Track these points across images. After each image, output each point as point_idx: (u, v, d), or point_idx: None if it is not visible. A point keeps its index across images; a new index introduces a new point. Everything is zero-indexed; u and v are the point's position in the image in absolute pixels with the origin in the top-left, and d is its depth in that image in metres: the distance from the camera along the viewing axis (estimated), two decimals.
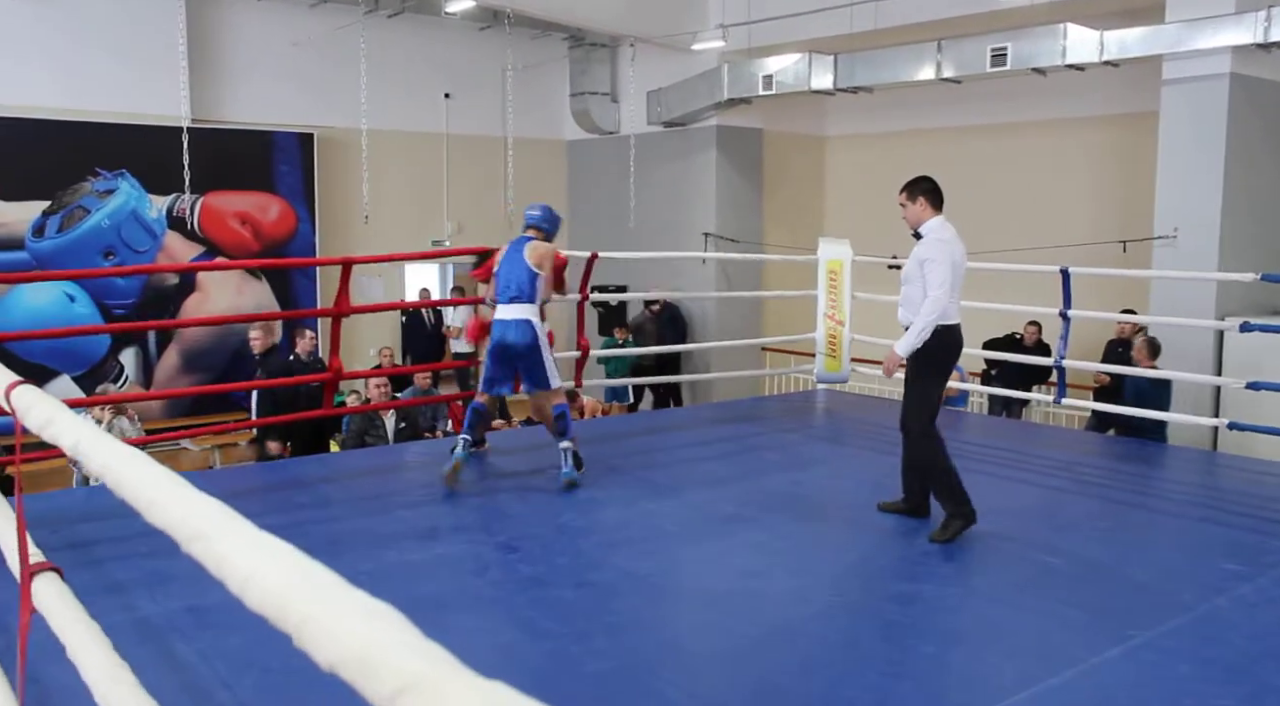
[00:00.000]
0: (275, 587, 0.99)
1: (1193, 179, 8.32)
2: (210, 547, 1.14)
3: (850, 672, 3.29)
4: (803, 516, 5.03)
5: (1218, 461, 6.69)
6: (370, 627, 0.87)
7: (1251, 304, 8.14)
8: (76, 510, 4.93)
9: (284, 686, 3.07)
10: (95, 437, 1.71)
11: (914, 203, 4.65)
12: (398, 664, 0.82)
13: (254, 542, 1.10)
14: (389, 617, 0.88)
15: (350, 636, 0.87)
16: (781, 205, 13.32)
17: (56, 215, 10.70)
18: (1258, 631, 3.61)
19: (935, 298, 4.47)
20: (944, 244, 4.56)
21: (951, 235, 4.63)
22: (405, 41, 12.74)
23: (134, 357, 11.36)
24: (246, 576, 1.05)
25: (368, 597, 0.92)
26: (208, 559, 1.14)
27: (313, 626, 0.91)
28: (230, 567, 1.08)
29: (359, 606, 0.91)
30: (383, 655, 0.83)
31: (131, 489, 1.42)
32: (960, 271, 4.61)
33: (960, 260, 4.62)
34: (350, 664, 0.85)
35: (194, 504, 1.25)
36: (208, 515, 1.20)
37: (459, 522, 4.89)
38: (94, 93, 10.79)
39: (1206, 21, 8.13)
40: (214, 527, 1.17)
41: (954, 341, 4.66)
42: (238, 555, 1.09)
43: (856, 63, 10.65)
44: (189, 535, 1.20)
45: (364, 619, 0.88)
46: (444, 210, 13.50)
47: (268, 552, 1.06)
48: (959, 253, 4.61)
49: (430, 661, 0.82)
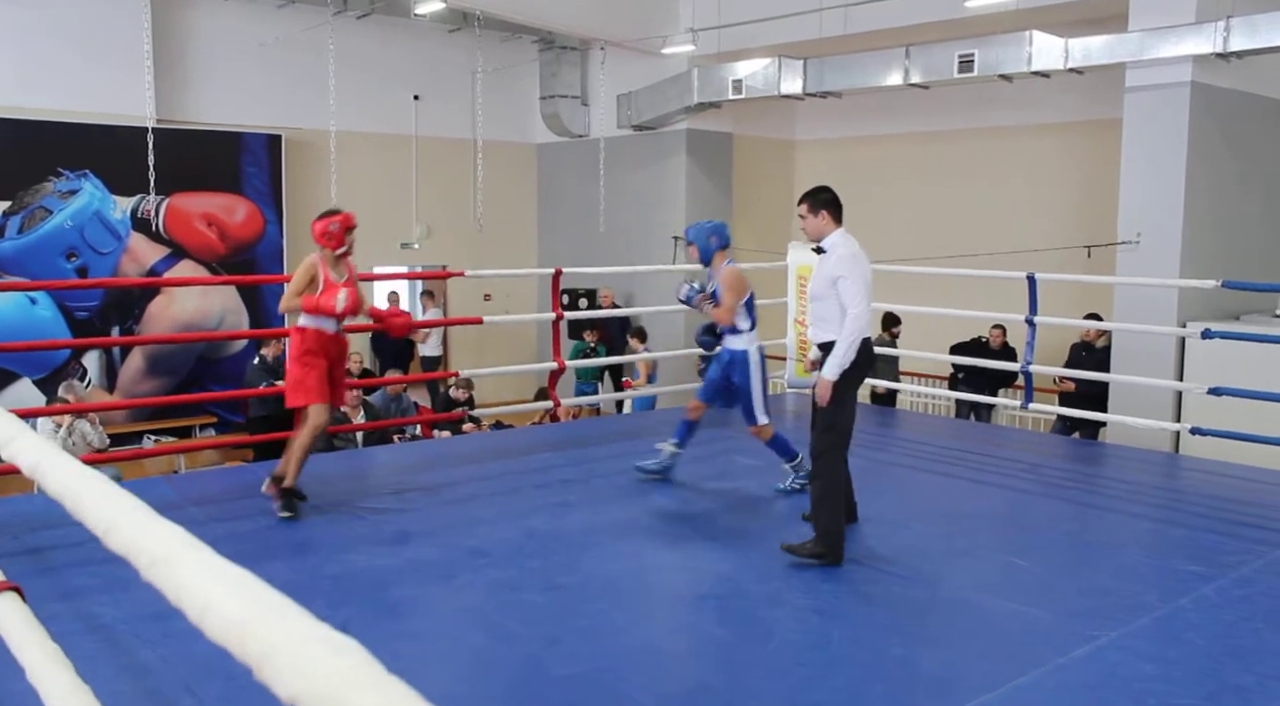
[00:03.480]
0: (235, 618, 0.97)
1: (1155, 185, 8.44)
2: (169, 574, 1.12)
3: (821, 674, 3.30)
4: (774, 520, 5.05)
5: (1180, 464, 6.78)
6: (334, 661, 0.85)
7: (1214, 309, 8.26)
8: (38, 516, 4.84)
9: (249, 694, 3.02)
10: (55, 459, 1.68)
11: (815, 215, 4.42)
12: (362, 698, 0.80)
13: (212, 570, 1.08)
14: (352, 651, 0.87)
15: (313, 670, 0.85)
16: (751, 209, 13.37)
17: (17, 215, 10.53)
18: (1219, 631, 3.66)
19: (857, 314, 4.26)
20: (855, 259, 4.33)
21: (857, 248, 4.42)
22: (374, 43, 12.67)
23: (97, 360, 11.20)
24: (205, 605, 1.03)
25: (330, 630, 0.90)
26: (167, 587, 1.12)
27: (275, 659, 0.89)
28: (189, 597, 1.06)
29: (322, 640, 0.89)
30: (347, 689, 0.82)
31: (90, 513, 1.40)
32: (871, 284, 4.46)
33: (870, 273, 4.43)
34: (313, 698, 0.83)
35: (152, 529, 1.23)
36: (166, 541, 1.18)
37: (427, 526, 4.86)
38: (57, 91, 10.63)
39: (1168, 31, 8.25)
40: (173, 554, 1.15)
41: (868, 355, 4.47)
42: (196, 583, 1.07)
43: (826, 67, 10.71)
44: (149, 561, 1.18)
45: (328, 653, 0.87)
46: (413, 213, 13.43)
47: (226, 581, 1.04)
48: (868, 266, 4.42)
49: (393, 695, 0.81)
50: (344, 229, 4.93)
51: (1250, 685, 3.23)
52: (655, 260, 12.14)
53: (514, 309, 13.42)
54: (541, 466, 6.11)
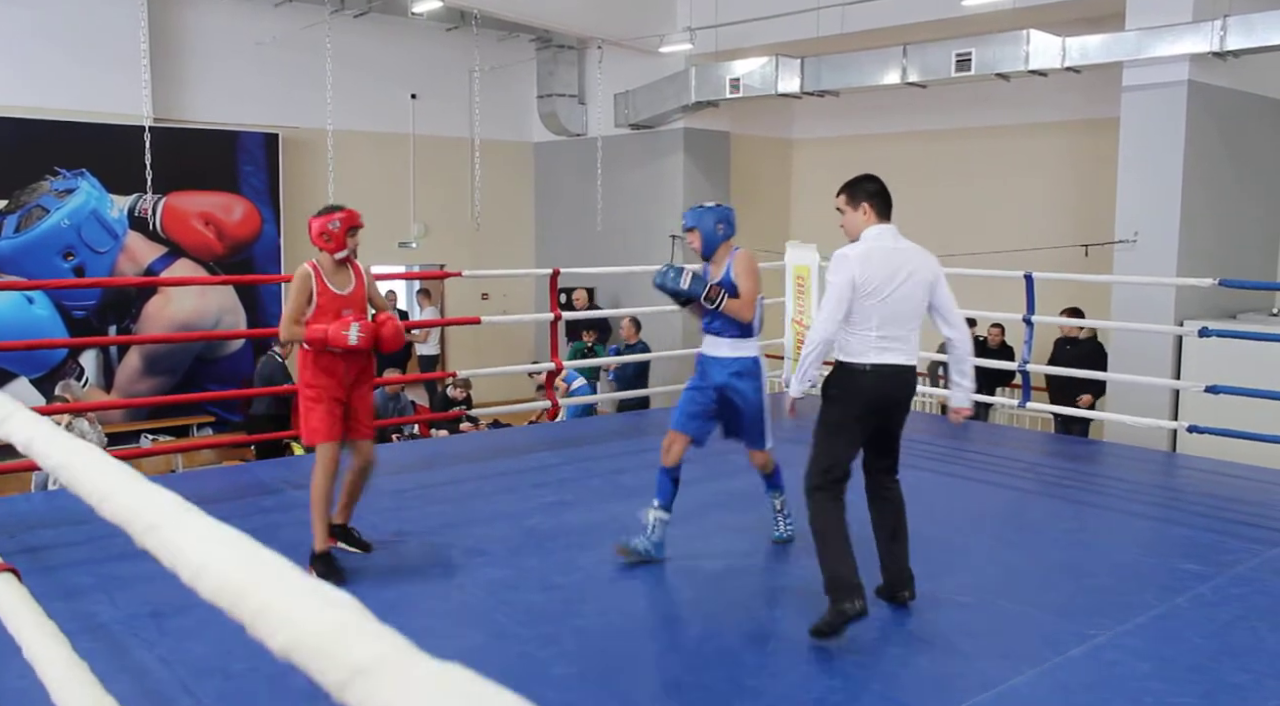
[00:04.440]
0: (230, 575, 0.98)
1: (1152, 184, 8.45)
2: (164, 538, 1.13)
3: (818, 673, 3.30)
4: (770, 519, 5.04)
5: (1177, 463, 6.79)
6: (327, 613, 0.86)
7: (1211, 307, 8.27)
8: (34, 515, 4.84)
9: (246, 691, 3.03)
10: (50, 434, 1.68)
11: (855, 208, 3.71)
12: (355, 647, 0.81)
13: (208, 532, 1.09)
14: (346, 604, 0.88)
15: (307, 621, 0.86)
16: (748, 208, 13.30)
17: (14, 215, 10.51)
18: (1216, 630, 3.66)
19: (817, 323, 3.64)
20: (845, 260, 3.61)
21: (867, 250, 3.63)
22: (371, 41, 12.65)
23: (94, 360, 11.18)
24: (201, 564, 1.03)
25: (324, 585, 0.91)
26: (162, 550, 1.12)
27: (269, 613, 0.90)
28: (184, 557, 1.07)
29: (315, 593, 0.90)
30: (340, 639, 0.82)
31: (85, 483, 1.41)
32: (873, 294, 3.57)
33: (873, 279, 3.57)
34: (307, 649, 0.84)
35: (147, 495, 1.24)
36: (161, 506, 1.19)
37: (425, 525, 4.86)
38: (53, 90, 10.61)
39: (1165, 29, 8.26)
40: (167, 518, 1.16)
41: (857, 385, 3.62)
42: (191, 544, 1.08)
43: (823, 66, 10.72)
44: (143, 527, 1.19)
45: (321, 605, 0.87)
46: (410, 212, 13.42)
47: (221, 542, 1.05)
48: (873, 270, 3.58)
49: (388, 645, 0.81)
50: (346, 228, 4.15)
51: (1246, 683, 3.24)
52: (653, 259, 12.10)
53: (511, 308, 13.42)
54: (539, 466, 6.11)
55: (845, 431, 3.67)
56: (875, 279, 3.57)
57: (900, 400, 3.74)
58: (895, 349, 3.62)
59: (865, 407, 3.66)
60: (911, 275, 3.64)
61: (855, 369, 3.62)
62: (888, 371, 3.62)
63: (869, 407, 3.66)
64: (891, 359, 3.61)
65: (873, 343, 3.59)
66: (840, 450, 3.68)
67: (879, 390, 3.64)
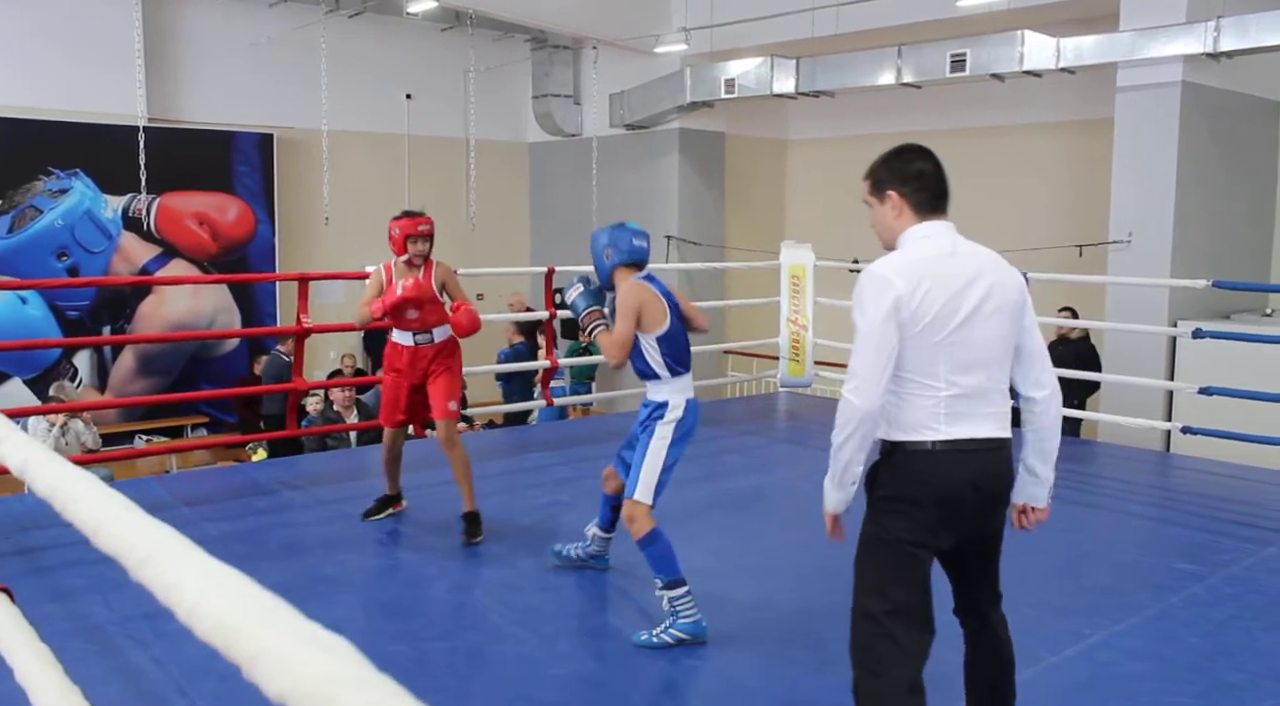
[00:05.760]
0: (225, 617, 0.97)
1: (1146, 185, 8.46)
2: (158, 573, 1.12)
3: (814, 673, 3.30)
4: (765, 519, 5.05)
5: (1171, 463, 6.81)
6: (322, 660, 0.86)
7: (1204, 309, 8.29)
8: (28, 515, 4.83)
9: (241, 694, 3.02)
10: (44, 458, 1.67)
11: (880, 201, 2.58)
12: (349, 698, 0.80)
13: (203, 569, 1.07)
14: (343, 651, 0.87)
15: (303, 670, 0.85)
16: (744, 208, 13.38)
17: (8, 215, 10.48)
18: (1211, 629, 3.67)
19: (848, 390, 2.32)
20: (878, 283, 2.33)
21: (910, 262, 2.37)
22: (366, 42, 12.63)
23: (88, 360, 11.15)
24: (195, 603, 1.02)
25: (321, 629, 0.91)
26: (156, 585, 1.12)
27: (264, 659, 0.89)
28: (179, 595, 1.06)
29: (312, 638, 0.89)
30: (337, 692, 0.82)
31: (79, 513, 1.40)
32: (933, 328, 2.30)
33: (929, 304, 2.30)
34: (301, 697, 0.83)
35: (142, 528, 1.23)
36: (156, 540, 1.18)
37: (421, 527, 4.85)
38: (47, 90, 10.58)
39: (1159, 30, 8.28)
40: (163, 553, 1.15)
41: (921, 477, 2.34)
42: (186, 582, 1.06)
43: (818, 67, 10.73)
44: (137, 561, 1.18)
45: (318, 652, 0.87)
46: None
47: (217, 580, 1.04)
48: (927, 291, 2.30)
49: (381, 695, 0.81)
50: (405, 235, 4.61)
51: (1241, 683, 3.25)
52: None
53: (507, 308, 13.40)
54: (535, 466, 6.11)
55: (909, 558, 2.38)
56: (932, 304, 2.30)
57: (994, 494, 2.45)
58: (978, 414, 2.37)
59: (940, 512, 2.35)
60: (990, 294, 2.36)
61: (917, 449, 2.33)
62: (969, 448, 2.35)
63: (946, 511, 2.36)
64: (974, 430, 2.36)
65: (942, 406, 2.33)
66: (907, 591, 2.40)
67: (958, 481, 2.34)
